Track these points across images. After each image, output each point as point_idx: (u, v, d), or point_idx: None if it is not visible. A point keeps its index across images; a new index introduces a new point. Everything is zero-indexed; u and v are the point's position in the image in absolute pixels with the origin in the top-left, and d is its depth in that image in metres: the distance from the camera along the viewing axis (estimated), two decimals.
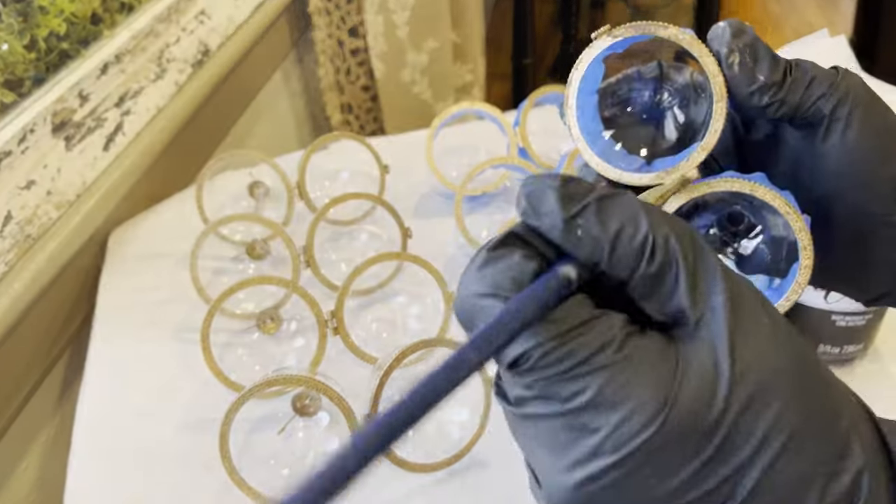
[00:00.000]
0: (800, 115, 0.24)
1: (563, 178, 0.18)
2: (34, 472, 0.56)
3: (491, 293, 0.18)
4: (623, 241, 0.18)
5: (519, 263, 0.18)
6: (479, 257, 0.19)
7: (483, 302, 0.18)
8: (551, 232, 0.18)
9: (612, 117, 0.27)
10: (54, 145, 0.57)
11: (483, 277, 0.18)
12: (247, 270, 0.56)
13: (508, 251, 0.18)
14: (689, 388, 0.17)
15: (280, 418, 0.43)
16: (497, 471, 0.40)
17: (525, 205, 0.18)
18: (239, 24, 0.84)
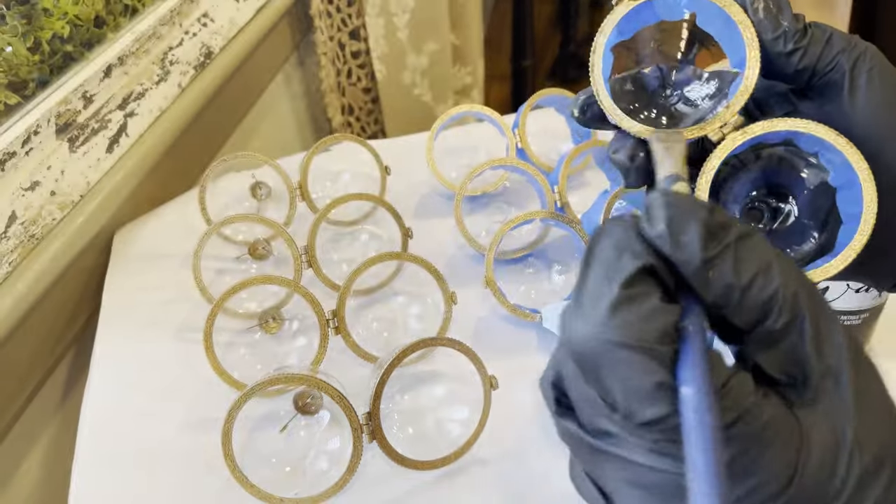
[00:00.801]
0: (821, 69, 0.25)
1: (708, 210, 0.17)
2: (37, 472, 0.57)
3: (635, 344, 0.16)
4: (753, 293, 0.17)
5: (661, 311, 0.16)
6: (608, 293, 0.16)
7: (621, 354, 0.16)
8: (684, 266, 0.17)
9: (626, 107, 0.27)
10: (58, 147, 0.57)
11: (622, 324, 0.16)
12: (249, 270, 0.57)
13: (645, 292, 0.16)
14: (814, 461, 0.16)
15: (282, 417, 0.44)
16: (497, 469, 0.40)
17: (664, 230, 0.17)
18: (241, 26, 0.84)
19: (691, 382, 0.15)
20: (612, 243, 0.17)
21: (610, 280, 0.17)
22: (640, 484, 0.17)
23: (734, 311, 0.17)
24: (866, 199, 0.24)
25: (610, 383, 0.16)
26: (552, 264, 0.54)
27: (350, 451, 0.38)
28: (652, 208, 0.17)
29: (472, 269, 0.54)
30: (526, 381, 0.45)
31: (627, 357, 0.16)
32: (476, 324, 0.49)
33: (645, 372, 0.16)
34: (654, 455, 0.16)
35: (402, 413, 0.44)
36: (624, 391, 0.16)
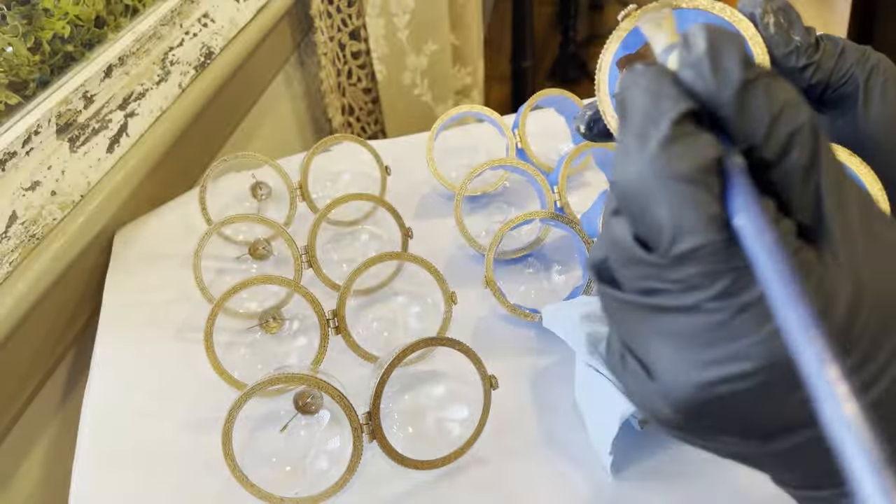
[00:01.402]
0: (834, 82, 0.25)
1: (742, 41, 0.17)
2: (37, 472, 0.57)
3: (687, 176, 0.17)
4: (783, 121, 0.17)
5: (707, 146, 0.17)
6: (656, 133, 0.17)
7: (674, 185, 0.17)
8: (723, 90, 0.17)
9: None
10: (59, 147, 0.57)
11: (674, 158, 0.17)
12: (249, 270, 0.57)
13: (693, 128, 0.17)
14: (836, 315, 0.17)
15: (282, 416, 0.44)
16: (497, 469, 0.40)
17: (705, 52, 0.17)
18: (241, 26, 0.84)
19: (743, 210, 0.16)
20: (648, 92, 0.18)
21: (655, 121, 0.17)
22: (673, 334, 0.17)
23: (762, 141, 0.17)
24: None
25: (658, 215, 0.17)
26: (552, 264, 0.54)
27: (350, 451, 0.38)
28: (691, 35, 0.18)
29: (472, 269, 0.54)
30: (526, 381, 0.45)
31: (677, 189, 0.17)
32: (476, 324, 0.49)
33: (694, 202, 0.17)
34: (690, 291, 0.17)
35: (402, 413, 0.44)
36: (669, 223, 0.17)
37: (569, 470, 0.40)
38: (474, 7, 1.13)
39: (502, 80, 1.82)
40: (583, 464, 0.40)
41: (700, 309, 0.17)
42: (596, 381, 0.39)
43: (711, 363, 0.17)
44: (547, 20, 2.23)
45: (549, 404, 0.43)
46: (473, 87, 1.21)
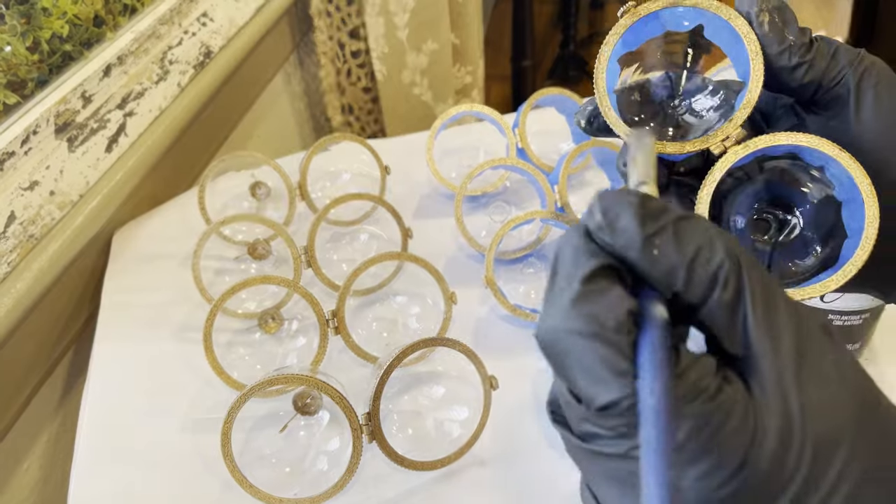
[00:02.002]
0: (826, 83, 0.24)
1: (641, 196, 0.18)
2: (36, 472, 0.56)
3: (594, 333, 0.17)
4: (699, 265, 0.17)
5: (619, 302, 0.17)
6: (569, 289, 0.17)
7: (582, 342, 0.17)
8: (627, 250, 0.18)
9: (632, 118, 0.28)
10: (57, 146, 0.57)
11: (582, 315, 0.17)
12: (248, 270, 0.57)
13: (603, 287, 0.17)
14: (766, 448, 0.17)
15: (281, 417, 0.44)
16: (497, 469, 0.40)
17: (600, 219, 0.18)
18: (240, 26, 0.84)
19: (646, 367, 0.16)
20: (571, 247, 0.18)
21: (570, 279, 0.18)
22: (615, 477, 0.18)
23: (683, 288, 0.17)
24: (868, 216, 0.24)
25: (573, 372, 0.17)
26: None
27: (350, 452, 0.38)
28: (591, 205, 0.18)
29: (472, 269, 0.54)
30: (526, 381, 0.45)
31: (585, 345, 0.17)
32: (476, 324, 0.49)
33: (601, 358, 0.17)
34: (620, 441, 0.17)
35: (401, 413, 0.44)
36: (584, 378, 0.17)
37: (569, 470, 0.39)
38: (474, 6, 1.13)
39: (502, 80, 1.82)
40: None
41: (631, 456, 0.17)
42: None
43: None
44: (547, 19, 2.23)
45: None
46: (473, 87, 1.20)
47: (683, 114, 0.28)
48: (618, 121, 0.26)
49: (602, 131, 0.28)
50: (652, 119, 0.28)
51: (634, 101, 0.28)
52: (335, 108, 1.12)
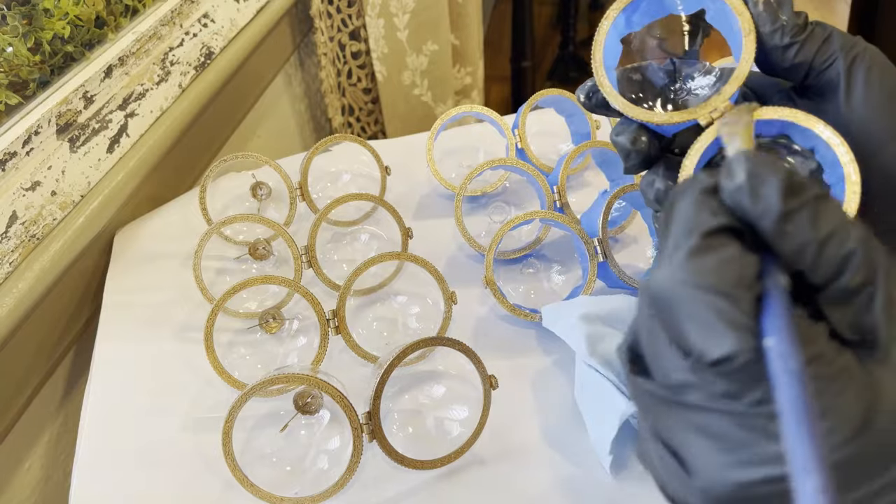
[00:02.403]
0: (817, 65, 0.25)
1: (787, 169, 0.17)
2: (37, 471, 0.57)
3: (713, 286, 0.17)
4: (831, 248, 0.17)
5: (741, 259, 0.17)
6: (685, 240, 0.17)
7: (700, 294, 0.17)
8: (762, 218, 0.17)
9: (632, 95, 0.28)
10: (59, 147, 0.57)
11: (702, 268, 0.17)
12: (249, 270, 0.57)
13: (726, 241, 0.17)
14: (885, 414, 0.17)
15: (282, 416, 0.44)
16: (497, 469, 0.40)
17: (742, 181, 0.17)
18: (241, 27, 0.84)
19: (775, 332, 0.16)
20: (691, 202, 0.18)
21: (690, 232, 0.17)
22: (709, 432, 0.17)
23: (811, 267, 0.17)
24: (848, 191, 0.23)
25: (686, 325, 0.17)
26: (552, 264, 0.54)
27: (350, 451, 0.38)
28: (733, 163, 0.18)
29: (472, 269, 0.54)
30: (526, 380, 0.45)
31: (703, 298, 0.17)
32: (476, 324, 0.49)
33: (719, 312, 0.16)
34: (724, 399, 0.17)
35: (402, 413, 0.44)
36: (698, 332, 0.17)
37: (569, 470, 0.40)
38: (474, 7, 1.13)
39: (502, 80, 1.82)
40: (583, 464, 0.40)
41: (735, 413, 0.17)
42: (596, 381, 0.39)
43: (750, 463, 0.17)
44: (547, 20, 2.23)
45: (549, 404, 0.43)
46: (473, 88, 1.21)
47: (683, 96, 0.28)
48: (613, 91, 0.26)
49: (601, 107, 0.28)
50: (652, 99, 0.28)
51: (635, 80, 0.28)
52: (336, 108, 1.12)
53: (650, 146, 0.27)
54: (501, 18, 2.14)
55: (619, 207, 0.56)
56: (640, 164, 0.27)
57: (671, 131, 0.27)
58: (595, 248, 0.48)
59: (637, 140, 0.27)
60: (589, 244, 0.48)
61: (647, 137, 0.27)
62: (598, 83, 0.27)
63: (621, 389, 0.38)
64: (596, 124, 0.62)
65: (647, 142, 0.27)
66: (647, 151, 0.27)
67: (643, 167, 0.28)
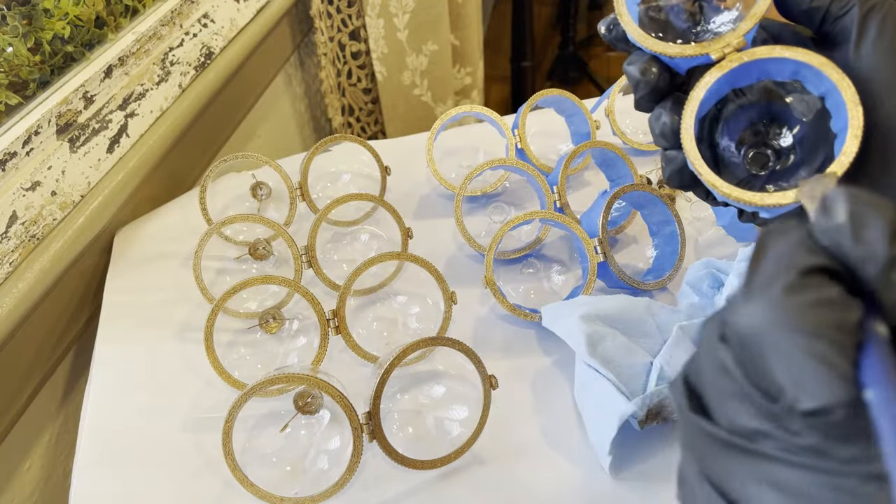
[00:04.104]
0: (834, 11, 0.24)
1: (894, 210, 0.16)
2: (37, 471, 0.57)
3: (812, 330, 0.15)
4: None
5: (843, 302, 0.15)
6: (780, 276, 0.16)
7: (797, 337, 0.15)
8: (864, 264, 0.15)
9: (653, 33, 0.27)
10: (59, 147, 0.57)
11: (800, 307, 0.15)
12: (249, 270, 0.57)
13: (825, 282, 0.15)
14: None
15: (282, 416, 0.44)
16: (497, 469, 0.40)
17: (843, 221, 0.16)
18: (241, 27, 0.85)
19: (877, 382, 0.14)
20: (787, 240, 0.16)
21: (786, 268, 0.16)
22: (786, 488, 0.16)
23: None
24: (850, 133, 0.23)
25: (778, 370, 0.15)
26: (552, 264, 0.54)
27: (350, 451, 0.38)
28: (831, 200, 0.16)
29: (472, 269, 0.54)
30: (526, 380, 0.45)
31: (800, 342, 0.15)
32: (476, 324, 0.49)
33: (818, 358, 0.15)
34: (810, 454, 0.15)
35: (402, 413, 0.44)
36: (791, 378, 0.15)
37: (569, 470, 0.40)
38: (474, 7, 1.14)
39: (502, 81, 1.82)
40: (583, 464, 0.40)
41: (822, 471, 0.15)
42: (596, 381, 0.39)
43: None
44: (546, 20, 2.23)
45: (549, 404, 0.43)
46: (473, 88, 1.21)
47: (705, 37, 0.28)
48: (630, 20, 0.26)
49: (620, 40, 0.28)
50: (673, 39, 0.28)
51: (657, 19, 0.28)
52: (336, 108, 1.12)
53: (660, 78, 0.27)
54: (501, 18, 2.14)
55: (619, 207, 0.56)
56: (649, 95, 0.27)
57: (685, 67, 0.27)
58: (595, 248, 0.48)
59: (647, 70, 0.26)
60: (589, 244, 0.48)
61: (658, 69, 0.26)
62: (616, 13, 0.27)
63: (621, 389, 0.38)
64: (596, 124, 0.62)
65: (657, 73, 0.26)
66: (656, 83, 0.27)
67: (651, 100, 0.27)
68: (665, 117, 0.27)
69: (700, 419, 0.17)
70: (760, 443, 0.16)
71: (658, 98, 0.27)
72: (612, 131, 0.63)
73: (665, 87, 0.27)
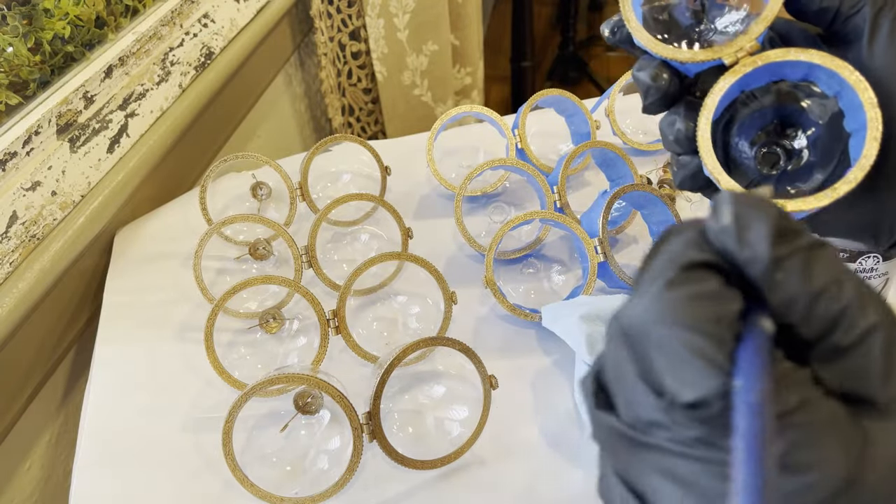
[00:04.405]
0: (845, 10, 0.24)
1: (778, 211, 0.16)
2: (37, 471, 0.57)
3: (690, 323, 0.15)
4: (823, 303, 0.16)
5: (721, 294, 0.16)
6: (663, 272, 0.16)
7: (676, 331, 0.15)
8: (750, 265, 0.16)
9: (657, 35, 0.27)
10: (59, 147, 0.57)
11: (678, 301, 0.16)
12: (250, 270, 0.57)
13: (706, 276, 0.16)
14: (877, 472, 0.15)
15: (282, 416, 0.44)
16: (497, 469, 0.40)
17: (728, 223, 0.16)
18: (241, 27, 0.85)
19: (747, 372, 0.15)
20: (679, 240, 0.17)
21: (670, 265, 0.16)
22: (680, 479, 0.16)
23: (801, 321, 0.16)
24: (869, 136, 0.23)
25: (659, 364, 0.16)
26: (552, 264, 0.54)
27: (350, 451, 0.38)
28: (719, 203, 0.16)
29: (472, 269, 0.54)
30: (526, 380, 0.45)
31: (678, 335, 0.15)
32: (476, 324, 0.50)
33: (695, 351, 0.15)
34: (697, 445, 0.16)
35: (402, 413, 0.44)
36: (672, 371, 0.16)
37: (569, 470, 0.40)
38: (474, 7, 1.14)
39: (502, 81, 1.82)
40: (583, 464, 0.40)
41: (708, 461, 0.16)
42: None
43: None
44: (546, 20, 2.23)
45: (549, 404, 0.43)
46: (473, 88, 1.21)
47: (709, 36, 0.28)
48: (638, 26, 0.26)
49: (624, 42, 0.28)
50: (677, 40, 0.27)
51: (661, 20, 0.28)
52: (336, 108, 1.12)
53: (671, 84, 0.26)
54: (501, 18, 2.14)
55: (619, 207, 0.56)
56: (659, 101, 0.27)
57: (694, 70, 0.26)
58: (595, 247, 0.48)
59: (658, 76, 0.26)
60: (589, 244, 0.48)
61: (669, 75, 0.26)
62: (624, 18, 0.26)
63: None
64: (596, 124, 0.62)
65: (668, 79, 0.26)
66: (668, 89, 0.26)
67: (662, 105, 0.27)
68: (679, 124, 0.27)
69: (605, 415, 0.18)
70: (656, 435, 0.16)
71: (669, 103, 0.27)
72: (613, 131, 0.63)
73: (676, 91, 0.27)
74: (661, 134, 0.27)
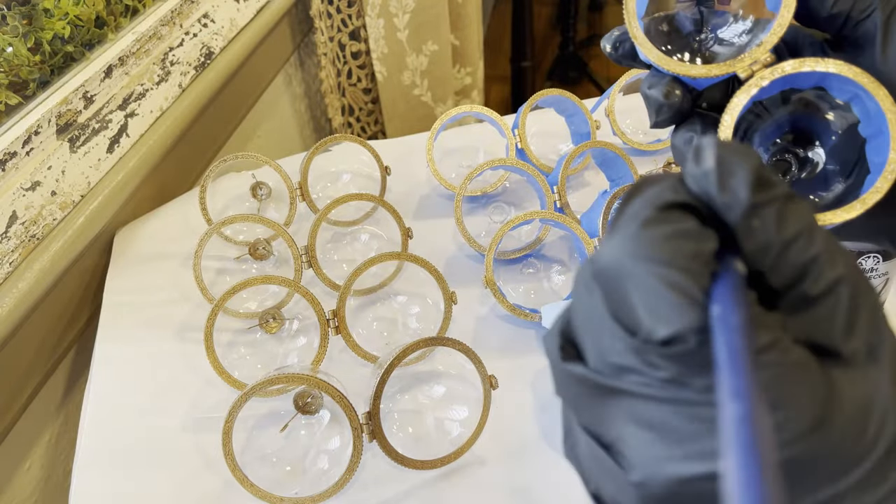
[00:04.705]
0: (855, 15, 0.24)
1: (759, 160, 0.16)
2: (37, 471, 0.57)
3: (666, 258, 0.15)
4: (794, 250, 0.16)
5: (698, 233, 0.16)
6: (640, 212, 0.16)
7: (652, 267, 0.15)
8: (727, 210, 0.16)
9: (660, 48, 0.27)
10: (59, 147, 0.57)
11: (655, 238, 0.16)
12: (249, 270, 0.57)
13: (683, 216, 0.16)
14: (844, 414, 0.15)
15: (282, 416, 0.44)
16: (497, 469, 0.40)
17: (711, 167, 0.16)
18: (241, 27, 0.85)
19: (725, 302, 0.15)
20: (657, 185, 0.17)
21: (646, 206, 0.16)
22: (650, 422, 0.16)
23: (772, 268, 0.16)
24: (893, 144, 0.23)
25: (633, 300, 0.16)
26: (552, 264, 0.54)
27: (350, 451, 0.38)
28: (701, 148, 0.17)
29: (472, 269, 0.54)
30: (526, 380, 0.45)
31: (655, 271, 0.15)
32: (476, 324, 0.50)
33: (671, 286, 0.15)
34: (669, 385, 0.16)
35: (402, 413, 0.44)
36: (647, 307, 0.16)
37: (569, 470, 0.40)
38: (474, 7, 1.14)
39: (502, 81, 1.82)
40: None
41: (680, 401, 0.16)
42: None
43: (693, 457, 0.15)
44: (546, 21, 2.23)
45: (549, 404, 0.43)
46: (473, 88, 1.21)
47: (711, 46, 0.27)
48: (647, 43, 0.25)
49: (627, 58, 0.27)
50: (679, 51, 0.27)
51: (662, 31, 0.27)
52: (336, 108, 1.12)
53: (683, 100, 0.26)
54: (501, 18, 2.14)
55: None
56: (671, 118, 0.26)
57: (704, 84, 0.26)
58: (595, 248, 0.48)
59: (671, 93, 0.26)
60: (589, 244, 0.48)
61: (681, 91, 0.26)
62: (631, 35, 0.26)
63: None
64: (596, 124, 0.62)
65: (680, 95, 0.26)
66: (680, 105, 0.26)
67: (674, 122, 0.27)
68: (697, 141, 0.26)
69: (571, 365, 0.18)
70: (626, 380, 0.16)
71: (681, 119, 0.27)
72: (612, 131, 0.63)
73: (688, 108, 0.27)
74: (675, 150, 0.27)
